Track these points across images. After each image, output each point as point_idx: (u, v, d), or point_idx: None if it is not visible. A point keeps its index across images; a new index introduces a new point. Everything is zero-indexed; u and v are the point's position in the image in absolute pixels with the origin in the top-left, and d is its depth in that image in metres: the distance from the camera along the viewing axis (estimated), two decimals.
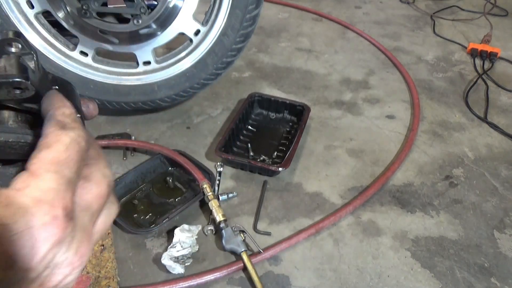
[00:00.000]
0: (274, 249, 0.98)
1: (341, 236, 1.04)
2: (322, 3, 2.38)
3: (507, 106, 1.54)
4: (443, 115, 1.48)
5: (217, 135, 1.35)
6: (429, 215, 1.10)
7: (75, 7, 1.15)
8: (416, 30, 2.10)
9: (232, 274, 0.94)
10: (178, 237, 0.97)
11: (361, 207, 1.11)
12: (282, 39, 1.97)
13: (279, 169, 1.14)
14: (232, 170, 1.22)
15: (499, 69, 1.77)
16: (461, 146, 1.34)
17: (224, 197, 1.12)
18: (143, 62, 1.28)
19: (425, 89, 1.62)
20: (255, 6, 1.16)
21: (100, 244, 0.96)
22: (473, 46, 1.86)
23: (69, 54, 1.27)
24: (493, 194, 1.17)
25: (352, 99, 1.55)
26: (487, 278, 0.95)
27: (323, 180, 1.20)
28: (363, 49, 1.91)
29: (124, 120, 1.40)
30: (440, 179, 1.21)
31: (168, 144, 1.29)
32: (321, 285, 0.93)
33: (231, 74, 1.66)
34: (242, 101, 1.48)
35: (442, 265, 0.97)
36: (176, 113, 1.44)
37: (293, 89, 1.60)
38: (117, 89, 1.29)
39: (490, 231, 1.06)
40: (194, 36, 1.23)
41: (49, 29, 1.25)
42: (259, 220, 1.07)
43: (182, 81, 1.27)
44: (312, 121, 1.42)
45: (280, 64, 1.76)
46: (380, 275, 0.95)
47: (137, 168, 1.15)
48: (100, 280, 0.89)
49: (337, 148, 1.32)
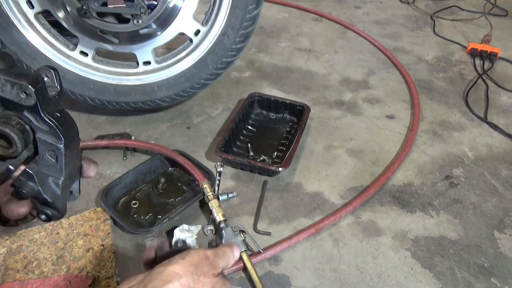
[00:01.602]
0: (274, 249, 0.98)
1: (341, 236, 1.04)
2: (322, 3, 2.38)
3: (507, 106, 1.54)
4: (443, 115, 1.48)
5: (217, 135, 1.35)
6: (429, 215, 1.10)
7: (75, 7, 1.15)
8: (416, 30, 2.10)
9: (232, 274, 0.94)
10: (178, 237, 0.97)
11: (361, 207, 1.11)
12: (282, 39, 1.97)
13: (279, 169, 1.14)
14: (232, 170, 1.22)
15: (499, 69, 1.77)
16: (461, 146, 1.34)
17: (224, 197, 1.12)
18: (143, 62, 1.28)
19: (425, 89, 1.62)
20: (255, 6, 1.16)
21: (100, 244, 0.96)
22: (473, 46, 1.86)
23: (69, 54, 1.27)
24: (493, 194, 1.17)
25: (352, 99, 1.55)
26: (487, 278, 0.95)
27: (323, 180, 1.20)
28: (363, 49, 1.91)
29: (124, 120, 1.40)
30: (440, 179, 1.21)
31: (168, 144, 1.29)
32: (321, 285, 0.93)
33: (231, 74, 1.67)
34: (242, 101, 1.48)
35: (442, 265, 0.97)
36: (176, 113, 1.44)
37: (293, 89, 1.60)
38: (117, 89, 1.29)
39: (490, 231, 1.06)
40: (194, 36, 1.23)
41: (49, 29, 1.25)
42: (259, 220, 1.07)
43: (182, 81, 1.27)
44: (312, 121, 1.42)
45: (280, 64, 1.76)
46: (380, 275, 0.95)
47: (137, 168, 1.15)
48: (100, 280, 0.89)
49: (337, 148, 1.32)
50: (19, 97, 0.44)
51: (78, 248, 0.96)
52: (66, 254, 0.94)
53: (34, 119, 0.46)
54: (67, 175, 0.51)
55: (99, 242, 0.97)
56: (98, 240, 0.97)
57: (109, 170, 1.20)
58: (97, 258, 0.94)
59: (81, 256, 0.94)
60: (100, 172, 1.20)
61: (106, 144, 1.23)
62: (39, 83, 0.44)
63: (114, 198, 1.08)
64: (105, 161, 1.23)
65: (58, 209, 0.52)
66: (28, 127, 0.47)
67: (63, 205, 0.53)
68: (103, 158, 1.24)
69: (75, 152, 0.52)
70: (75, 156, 0.52)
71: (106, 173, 1.19)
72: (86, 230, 1.00)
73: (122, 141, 1.25)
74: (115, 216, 1.01)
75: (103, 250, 0.95)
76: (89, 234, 0.99)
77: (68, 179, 0.52)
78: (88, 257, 0.94)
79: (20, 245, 0.96)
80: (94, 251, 0.95)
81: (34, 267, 0.91)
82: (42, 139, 0.47)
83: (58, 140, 0.47)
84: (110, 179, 1.17)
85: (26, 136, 0.47)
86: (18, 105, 0.45)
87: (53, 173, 0.50)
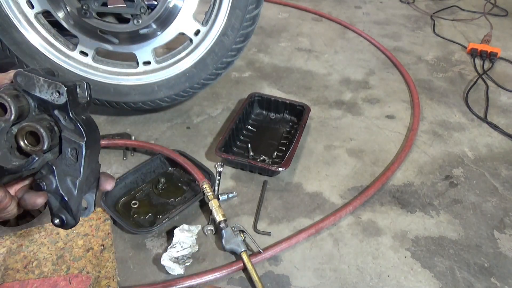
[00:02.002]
0: (274, 249, 0.98)
1: (341, 236, 1.04)
2: (322, 3, 2.38)
3: (507, 106, 1.54)
4: (443, 115, 1.48)
5: (217, 135, 1.35)
6: (429, 215, 1.10)
7: (75, 7, 1.15)
8: (416, 30, 2.10)
9: (232, 274, 0.94)
10: (178, 237, 0.97)
11: (361, 207, 1.11)
12: (282, 39, 1.97)
13: (279, 169, 1.14)
14: (232, 170, 1.22)
15: (499, 69, 1.77)
16: (461, 146, 1.34)
17: (224, 197, 1.12)
18: (143, 62, 1.28)
19: (425, 89, 1.62)
20: (255, 6, 1.16)
21: (100, 244, 0.96)
22: (473, 46, 1.86)
23: (69, 54, 1.27)
24: (493, 194, 1.17)
25: (352, 99, 1.55)
26: (487, 278, 0.95)
27: (323, 180, 1.20)
28: (363, 49, 1.91)
29: (124, 120, 1.40)
30: (440, 179, 1.21)
31: (168, 144, 1.29)
32: (321, 285, 0.93)
33: (231, 74, 1.66)
34: (242, 101, 1.48)
35: (442, 265, 0.97)
36: (176, 113, 1.44)
37: (293, 89, 1.60)
38: (117, 89, 1.29)
39: (490, 231, 1.06)
40: (194, 36, 1.23)
41: (49, 29, 1.25)
42: (259, 220, 1.07)
43: (182, 81, 1.27)
44: (312, 121, 1.42)
45: (280, 64, 1.76)
46: (380, 275, 0.95)
47: (137, 168, 1.15)
48: (100, 280, 0.89)
49: (337, 148, 1.32)
50: (53, 96, 0.51)
51: (78, 248, 0.96)
52: (66, 254, 0.94)
53: (62, 118, 0.52)
54: (84, 177, 0.55)
55: (99, 242, 0.97)
56: (98, 240, 0.97)
57: (109, 170, 1.20)
58: (97, 258, 0.94)
59: (81, 256, 0.94)
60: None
61: (106, 144, 1.23)
62: (72, 85, 0.51)
63: (114, 198, 1.08)
64: (105, 161, 1.23)
65: (72, 211, 0.56)
66: (56, 128, 0.52)
67: (77, 210, 0.57)
68: (103, 158, 1.24)
69: (95, 156, 0.56)
70: (94, 161, 0.57)
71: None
72: (86, 230, 1.00)
73: (122, 141, 1.25)
74: (115, 216, 1.01)
75: (103, 250, 0.95)
76: (89, 234, 0.99)
77: (85, 184, 0.56)
78: (88, 257, 0.94)
79: (20, 245, 0.96)
80: (94, 251, 0.95)
81: (34, 267, 0.91)
82: (66, 137, 0.53)
83: (80, 138, 0.52)
84: None
85: (54, 135, 0.52)
86: (50, 105, 0.51)
87: (72, 172, 0.54)
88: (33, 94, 0.51)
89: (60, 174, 0.54)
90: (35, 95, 0.51)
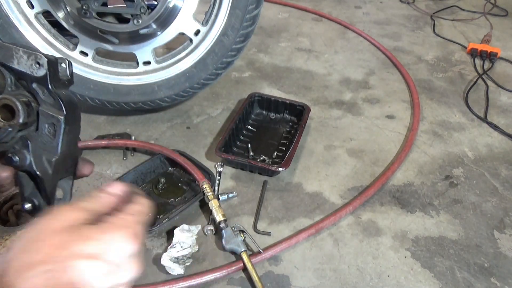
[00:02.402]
0: (274, 249, 0.98)
1: (341, 236, 1.04)
2: (322, 3, 2.38)
3: (507, 106, 1.54)
4: (443, 115, 1.48)
5: (217, 135, 1.35)
6: (429, 215, 1.10)
7: (75, 7, 1.15)
8: (416, 30, 2.10)
9: (232, 274, 0.94)
10: (178, 237, 0.97)
11: (361, 207, 1.11)
12: (282, 39, 1.97)
13: (279, 169, 1.14)
14: (232, 170, 1.22)
15: (499, 69, 1.77)
16: (461, 146, 1.34)
17: (224, 197, 1.12)
18: (143, 62, 1.28)
19: (425, 89, 1.62)
20: (255, 6, 1.16)
21: None
22: (473, 46, 1.86)
23: (69, 54, 1.27)
24: (493, 194, 1.17)
25: (352, 99, 1.55)
26: (487, 278, 0.95)
27: (323, 180, 1.20)
28: (363, 49, 1.91)
29: (124, 120, 1.40)
30: (440, 179, 1.21)
31: (168, 144, 1.29)
32: (321, 285, 0.93)
33: (231, 74, 1.66)
34: (242, 101, 1.47)
35: (442, 265, 0.97)
36: (176, 113, 1.44)
37: (293, 89, 1.60)
38: (117, 89, 1.29)
39: (490, 231, 1.06)
40: (194, 36, 1.23)
41: (49, 29, 1.25)
42: (259, 220, 1.07)
43: (182, 81, 1.27)
44: (312, 121, 1.42)
45: (280, 64, 1.76)
46: (380, 275, 0.95)
47: (137, 168, 1.15)
48: None
49: (337, 148, 1.32)
50: (32, 68, 0.48)
51: None
52: None
53: (41, 92, 0.49)
54: (62, 157, 0.51)
55: None
56: None
57: (109, 170, 1.20)
58: None
59: None
60: (100, 172, 1.20)
61: (106, 144, 1.23)
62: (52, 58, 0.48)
63: None
64: (105, 161, 1.23)
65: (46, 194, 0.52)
66: (34, 104, 0.49)
67: (52, 194, 0.53)
68: (103, 158, 1.24)
69: (74, 137, 0.52)
70: (73, 143, 0.53)
71: (106, 173, 1.19)
72: None
73: (122, 141, 1.24)
74: None
75: None
76: None
77: (62, 165, 0.52)
78: None
79: None
80: None
81: None
82: (44, 111, 0.49)
83: (59, 112, 0.49)
84: (110, 179, 1.17)
85: (30, 110, 0.49)
86: (29, 77, 0.48)
87: (48, 149, 0.50)
88: (11, 67, 0.49)
89: (35, 150, 0.50)
90: (12, 68, 0.49)
